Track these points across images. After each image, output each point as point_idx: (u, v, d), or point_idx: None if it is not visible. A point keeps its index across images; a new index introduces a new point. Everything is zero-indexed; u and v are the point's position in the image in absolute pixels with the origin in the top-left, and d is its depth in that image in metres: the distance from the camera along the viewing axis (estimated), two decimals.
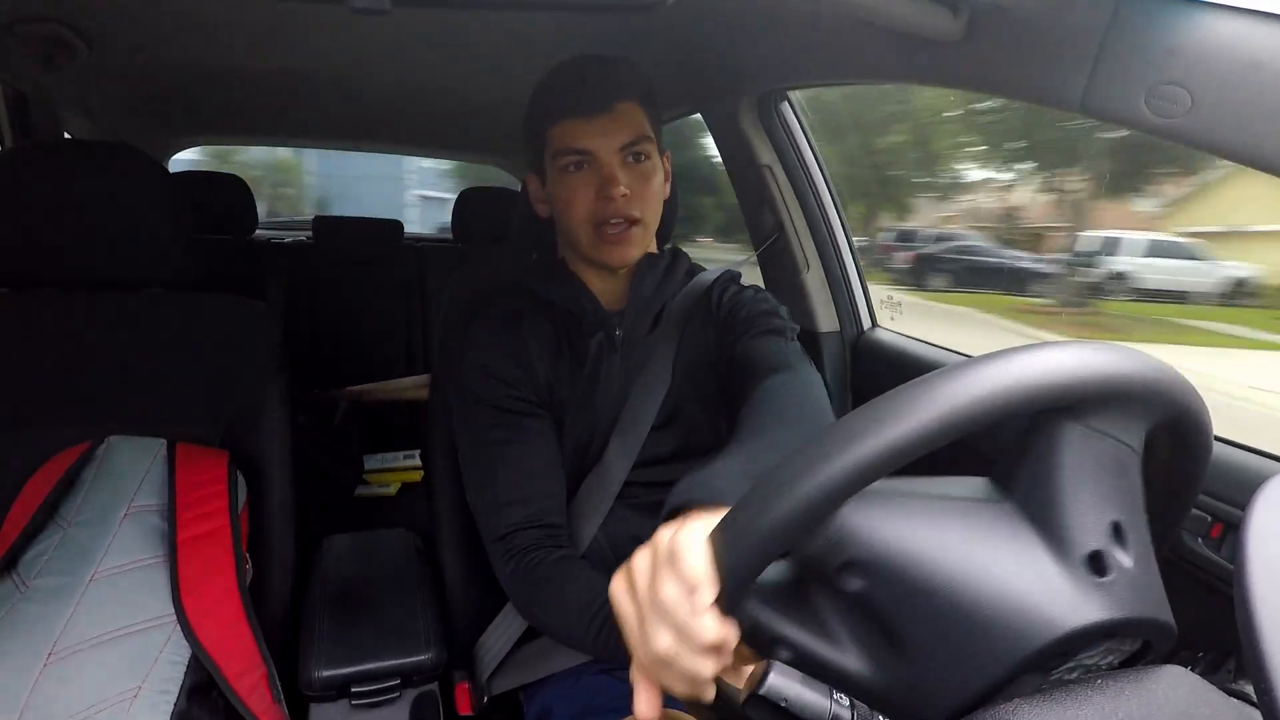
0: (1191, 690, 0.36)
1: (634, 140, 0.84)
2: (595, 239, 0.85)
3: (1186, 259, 3.57)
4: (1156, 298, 3.58)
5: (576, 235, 0.86)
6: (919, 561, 0.36)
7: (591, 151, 0.83)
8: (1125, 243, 3.66)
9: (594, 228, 0.85)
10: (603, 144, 0.83)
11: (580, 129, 0.83)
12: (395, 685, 0.88)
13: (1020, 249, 4.65)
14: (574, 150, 0.84)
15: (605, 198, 0.83)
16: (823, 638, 0.39)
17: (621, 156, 0.84)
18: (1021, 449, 0.39)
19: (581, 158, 0.84)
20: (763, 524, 0.36)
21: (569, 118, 0.83)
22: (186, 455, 0.94)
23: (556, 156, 0.85)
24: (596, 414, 0.89)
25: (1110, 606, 0.35)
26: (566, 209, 0.86)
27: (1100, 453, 0.37)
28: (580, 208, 0.84)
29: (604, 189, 0.83)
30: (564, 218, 0.87)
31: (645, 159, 0.86)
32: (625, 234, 0.85)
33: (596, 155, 0.83)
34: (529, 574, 0.81)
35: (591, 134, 0.83)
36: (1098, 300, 3.74)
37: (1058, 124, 3.54)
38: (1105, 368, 0.36)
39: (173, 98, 1.79)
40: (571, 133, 0.83)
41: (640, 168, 0.86)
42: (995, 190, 4.92)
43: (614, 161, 0.84)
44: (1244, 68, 0.54)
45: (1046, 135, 3.69)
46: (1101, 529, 0.36)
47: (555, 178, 0.86)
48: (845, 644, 0.38)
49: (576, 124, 0.83)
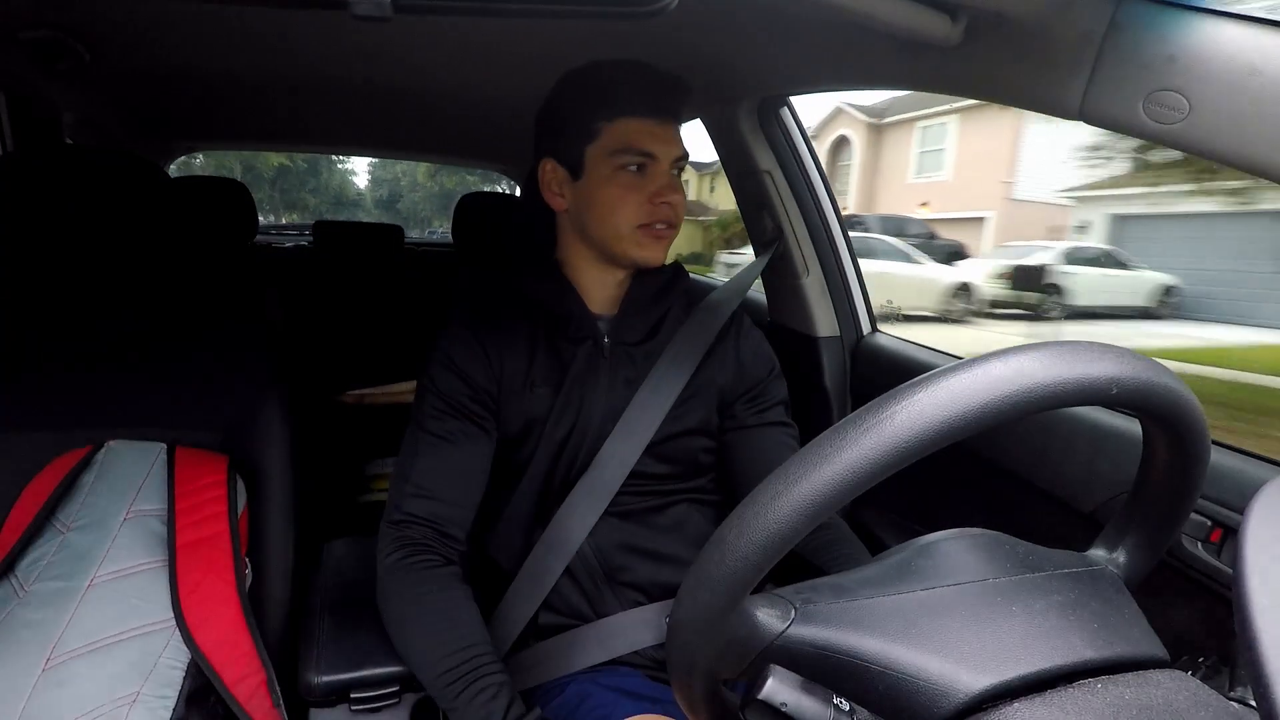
0: (1191, 695, 0.36)
1: (684, 155, 0.87)
2: (639, 235, 0.86)
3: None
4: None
5: (616, 233, 0.86)
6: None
7: (655, 156, 0.84)
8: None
9: (638, 227, 0.86)
10: (666, 151, 0.85)
11: (652, 131, 0.84)
12: (395, 691, 0.88)
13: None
14: (640, 151, 0.83)
15: (662, 203, 0.85)
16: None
17: (674, 167, 0.86)
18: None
19: (645, 160, 0.84)
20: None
21: (641, 116, 0.83)
22: (186, 459, 0.94)
23: (616, 153, 0.84)
24: (582, 418, 0.89)
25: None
26: (613, 207, 0.85)
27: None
28: (631, 208, 0.85)
29: (662, 194, 0.84)
30: (607, 214, 0.86)
31: (681, 174, 0.89)
32: (667, 233, 0.87)
33: (658, 161, 0.84)
34: (409, 572, 0.80)
35: (659, 139, 0.84)
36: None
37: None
38: (1082, 370, 0.36)
39: (174, 104, 1.80)
40: (642, 132, 0.83)
41: (678, 181, 0.88)
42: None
43: (668, 170, 0.86)
44: (1242, 74, 0.54)
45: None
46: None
47: (605, 174, 0.85)
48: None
49: (648, 124, 0.83)
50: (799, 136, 1.39)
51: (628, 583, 0.89)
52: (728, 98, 1.32)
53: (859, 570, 0.45)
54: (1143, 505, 0.47)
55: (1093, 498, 0.88)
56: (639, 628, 0.87)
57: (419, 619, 0.79)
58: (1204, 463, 0.42)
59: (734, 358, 0.96)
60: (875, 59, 0.91)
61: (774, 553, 0.36)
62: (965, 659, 0.38)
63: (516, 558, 0.91)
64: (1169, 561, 0.76)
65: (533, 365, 0.89)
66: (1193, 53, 0.57)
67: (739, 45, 1.13)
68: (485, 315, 0.91)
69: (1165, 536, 0.47)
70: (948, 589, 0.41)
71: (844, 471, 0.34)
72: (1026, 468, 0.99)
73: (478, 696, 0.73)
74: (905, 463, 0.34)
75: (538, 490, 0.90)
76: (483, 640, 0.78)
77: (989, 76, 0.76)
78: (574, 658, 0.86)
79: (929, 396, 0.34)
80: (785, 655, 0.40)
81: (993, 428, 0.34)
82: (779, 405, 0.98)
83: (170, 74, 1.51)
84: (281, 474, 1.03)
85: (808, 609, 0.41)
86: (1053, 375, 0.35)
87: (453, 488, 0.85)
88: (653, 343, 0.93)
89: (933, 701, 0.37)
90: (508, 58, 1.33)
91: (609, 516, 0.88)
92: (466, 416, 0.87)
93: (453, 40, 1.26)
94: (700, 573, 0.38)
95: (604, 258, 0.90)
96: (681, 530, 0.92)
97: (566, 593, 0.89)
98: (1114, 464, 0.87)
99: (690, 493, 0.94)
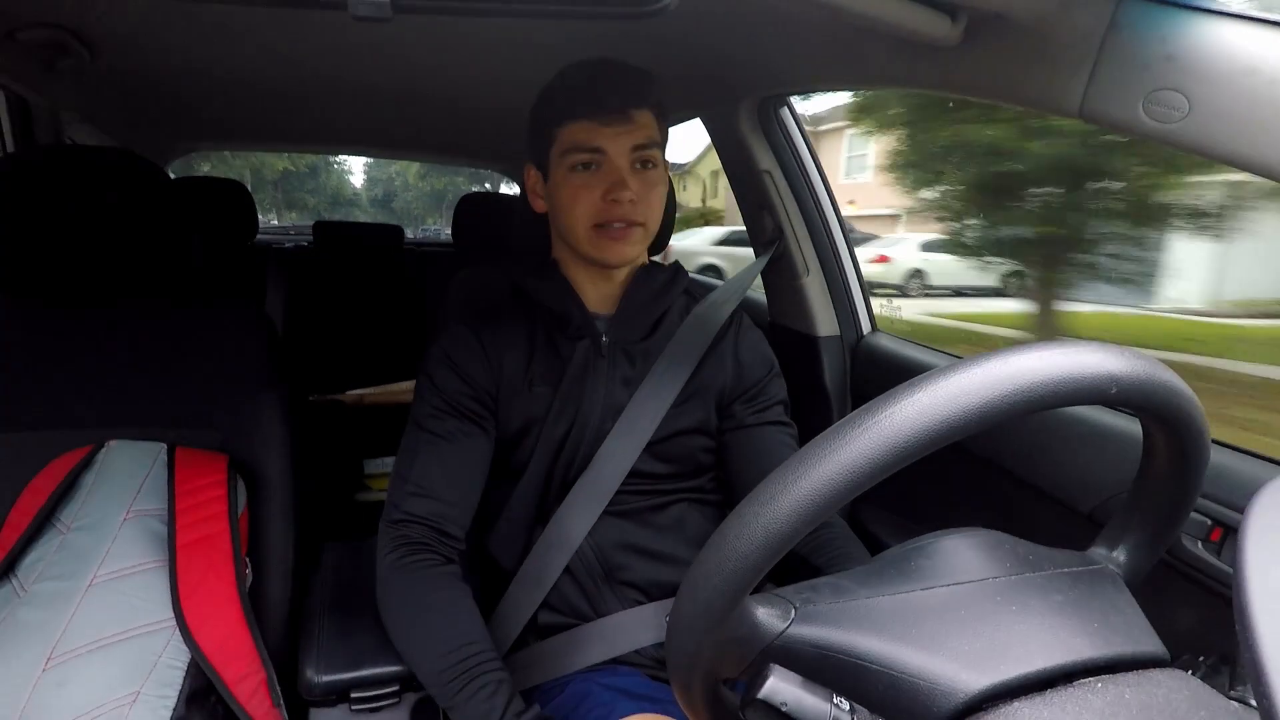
0: (1192, 694, 0.36)
1: (646, 144, 0.84)
2: (595, 237, 0.84)
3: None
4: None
5: (575, 234, 0.85)
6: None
7: (604, 151, 0.82)
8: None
9: (594, 228, 0.84)
10: (616, 146, 0.82)
11: (597, 131, 0.82)
12: (395, 691, 0.88)
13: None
14: (585, 148, 0.82)
15: (612, 200, 0.82)
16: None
17: (632, 160, 0.84)
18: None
19: (592, 156, 0.83)
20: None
21: (584, 119, 0.82)
22: (186, 459, 0.94)
23: (565, 154, 0.83)
24: (581, 417, 0.89)
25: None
26: (569, 207, 0.85)
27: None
28: (584, 207, 0.83)
29: (612, 191, 0.82)
30: (564, 216, 0.86)
31: (653, 167, 0.86)
32: (626, 232, 0.84)
33: (608, 155, 0.82)
34: (408, 571, 0.80)
35: (607, 136, 0.82)
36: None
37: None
38: (1089, 366, 0.36)
39: (175, 103, 1.80)
40: (587, 133, 0.82)
41: (648, 175, 0.85)
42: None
43: (624, 164, 0.83)
44: (1241, 73, 0.54)
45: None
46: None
47: (561, 175, 0.85)
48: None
49: (590, 125, 0.82)
50: (799, 136, 1.39)
51: (627, 582, 0.89)
52: (728, 98, 1.32)
53: (859, 570, 0.45)
54: (1142, 505, 0.47)
55: (1092, 497, 0.88)
56: (639, 627, 0.87)
57: (418, 618, 0.79)
58: (1203, 463, 0.42)
59: (733, 357, 0.96)
60: (875, 59, 0.91)
61: (775, 551, 0.36)
62: (966, 658, 0.38)
63: (517, 557, 0.91)
64: (1169, 561, 0.76)
65: (531, 364, 0.89)
66: (1192, 52, 0.57)
67: (739, 45, 1.13)
68: (484, 314, 0.91)
69: (1165, 536, 0.47)
70: (948, 589, 0.41)
71: (846, 469, 0.34)
72: (1026, 467, 0.99)
73: (478, 693, 0.73)
74: (907, 461, 0.34)
75: (537, 489, 0.90)
76: (482, 638, 0.78)
77: (989, 76, 0.76)
78: (574, 657, 0.87)
79: (928, 396, 0.34)
80: (785, 654, 0.40)
81: (994, 426, 0.34)
82: (778, 405, 0.98)
83: (170, 74, 1.51)
84: (281, 474, 1.03)
85: (808, 608, 0.41)
86: (1053, 374, 0.35)
87: (452, 487, 0.85)
88: (652, 342, 0.93)
89: (933, 701, 0.37)
90: (508, 58, 1.33)
91: (608, 516, 0.88)
92: (466, 416, 0.87)
93: (452, 41, 1.26)
94: (701, 571, 0.38)
95: (580, 258, 0.89)
96: (681, 530, 0.92)
97: (566, 592, 0.89)
98: (1114, 464, 0.87)
99: (689, 492, 0.94)
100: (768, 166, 1.38)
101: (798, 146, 1.38)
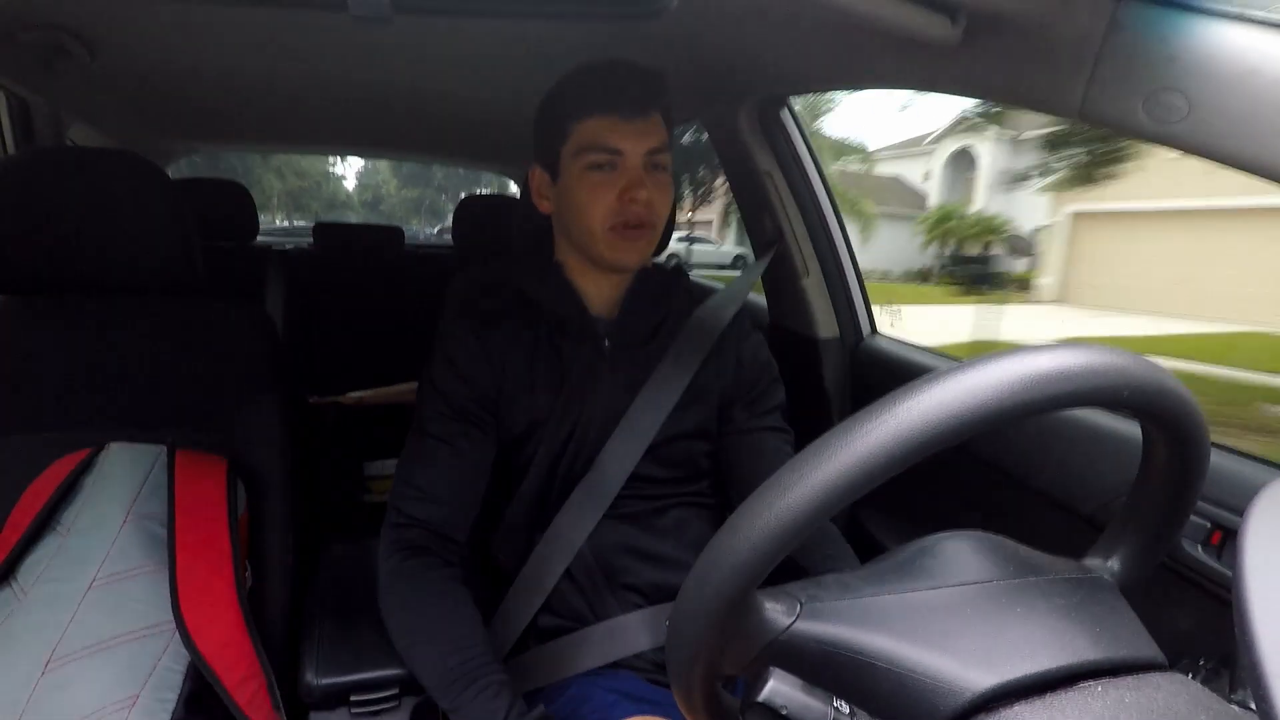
0: (1191, 697, 0.36)
1: (660, 148, 0.84)
2: (611, 238, 0.84)
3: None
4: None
5: (590, 234, 0.84)
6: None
7: (622, 152, 0.82)
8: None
9: (609, 229, 0.84)
10: (634, 146, 0.82)
11: (615, 128, 0.81)
12: (394, 694, 0.88)
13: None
14: (604, 148, 0.82)
15: (629, 200, 0.82)
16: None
17: (648, 162, 0.83)
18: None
19: (611, 157, 0.82)
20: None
21: (604, 114, 0.81)
22: (186, 462, 0.94)
23: (582, 152, 0.83)
24: (583, 419, 0.88)
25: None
26: (584, 208, 0.84)
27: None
28: (600, 207, 0.83)
29: (628, 191, 0.82)
30: (580, 216, 0.85)
31: (663, 170, 0.86)
32: (641, 233, 0.84)
33: (625, 156, 0.82)
34: (410, 574, 0.80)
35: (625, 135, 0.81)
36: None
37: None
38: (1095, 367, 0.36)
39: (175, 104, 1.80)
40: (605, 130, 0.81)
41: (659, 177, 0.85)
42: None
43: (640, 166, 0.83)
44: (1242, 74, 0.54)
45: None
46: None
47: (575, 174, 0.84)
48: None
49: (611, 122, 0.81)
50: (799, 137, 1.38)
51: (628, 585, 0.89)
52: (728, 98, 1.32)
53: (864, 567, 0.44)
54: (1140, 511, 0.47)
55: (1092, 500, 0.88)
56: (639, 631, 0.87)
57: (420, 621, 0.79)
58: (1203, 469, 0.42)
59: (734, 360, 0.96)
60: (875, 59, 0.91)
61: (788, 541, 0.36)
62: (973, 657, 0.37)
63: (518, 559, 0.91)
64: (1169, 564, 0.75)
65: (534, 367, 0.89)
66: (1193, 53, 0.57)
67: (739, 45, 1.13)
68: (486, 317, 0.90)
69: (1162, 544, 0.47)
70: (953, 589, 0.41)
71: (870, 455, 0.34)
72: (1027, 470, 0.99)
73: (480, 695, 0.73)
74: (919, 457, 0.34)
75: (539, 492, 0.90)
76: (483, 641, 0.78)
77: (989, 76, 0.76)
78: (574, 660, 0.86)
79: (942, 391, 0.34)
80: (790, 650, 0.40)
81: (999, 426, 0.34)
82: (775, 410, 0.97)
83: (170, 74, 1.51)
84: (281, 476, 1.03)
85: (814, 604, 0.41)
86: (1064, 375, 0.35)
87: (454, 491, 0.85)
88: (653, 344, 0.92)
89: (939, 700, 0.37)
90: (508, 59, 1.33)
91: (609, 519, 0.88)
92: (468, 419, 0.87)
93: (452, 41, 1.26)
94: (711, 559, 0.38)
95: (589, 260, 0.89)
96: (681, 533, 0.92)
97: (567, 595, 0.89)
98: (1114, 466, 0.87)
99: (689, 496, 0.94)
100: (767, 168, 1.37)
101: (797, 148, 1.38)
